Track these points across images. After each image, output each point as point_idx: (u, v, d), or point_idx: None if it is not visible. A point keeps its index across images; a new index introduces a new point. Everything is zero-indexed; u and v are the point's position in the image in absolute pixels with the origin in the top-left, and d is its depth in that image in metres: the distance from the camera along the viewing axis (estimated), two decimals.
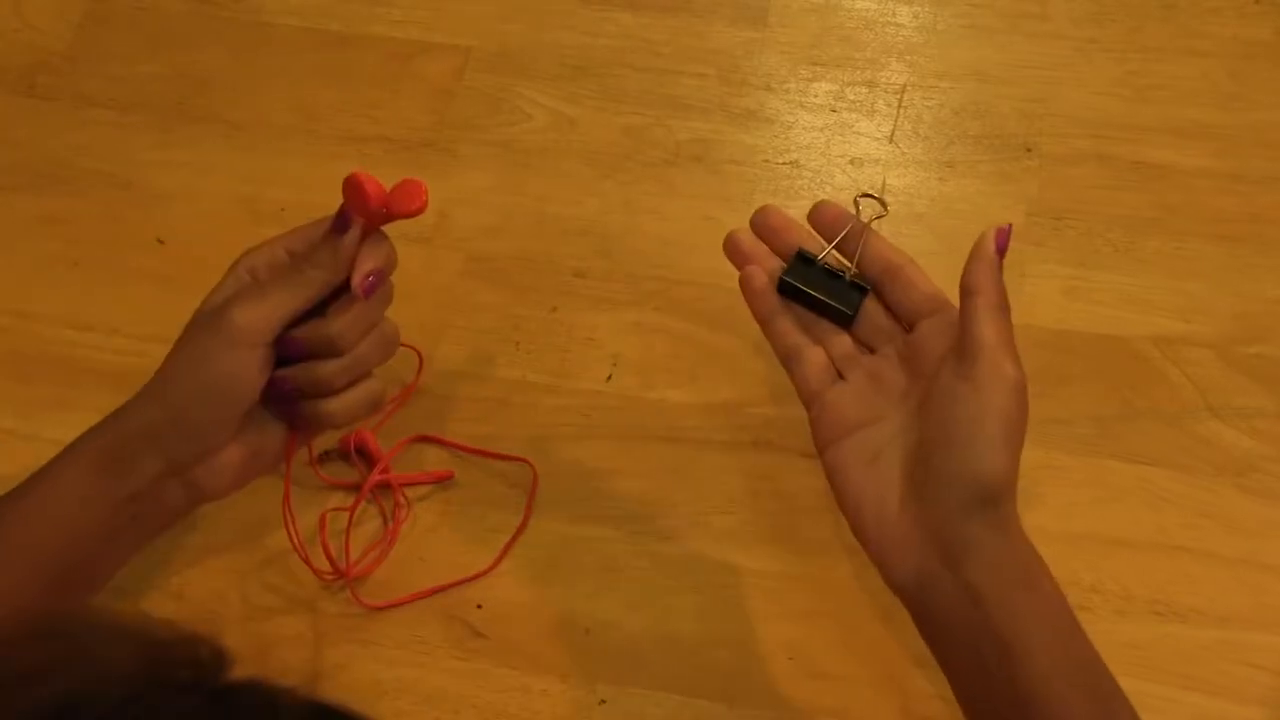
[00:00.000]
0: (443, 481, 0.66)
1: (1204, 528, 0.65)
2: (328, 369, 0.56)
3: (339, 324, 0.56)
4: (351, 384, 0.57)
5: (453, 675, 0.61)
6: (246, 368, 0.55)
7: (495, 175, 0.77)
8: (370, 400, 0.58)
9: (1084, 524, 0.65)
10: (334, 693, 0.62)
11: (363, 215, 0.56)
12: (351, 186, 0.55)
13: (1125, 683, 0.61)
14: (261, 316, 0.55)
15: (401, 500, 0.65)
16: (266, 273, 0.57)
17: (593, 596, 0.63)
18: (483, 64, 0.81)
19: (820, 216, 0.57)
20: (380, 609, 0.63)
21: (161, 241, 0.74)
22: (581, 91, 0.80)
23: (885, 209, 0.56)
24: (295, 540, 0.60)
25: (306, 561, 0.61)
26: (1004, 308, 0.52)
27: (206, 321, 0.56)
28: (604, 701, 0.61)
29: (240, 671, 0.34)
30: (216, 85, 0.80)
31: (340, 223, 0.56)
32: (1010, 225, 0.53)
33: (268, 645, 0.62)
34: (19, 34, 0.83)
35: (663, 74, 0.80)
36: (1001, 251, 0.53)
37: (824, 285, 0.55)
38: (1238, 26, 0.81)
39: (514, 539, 0.64)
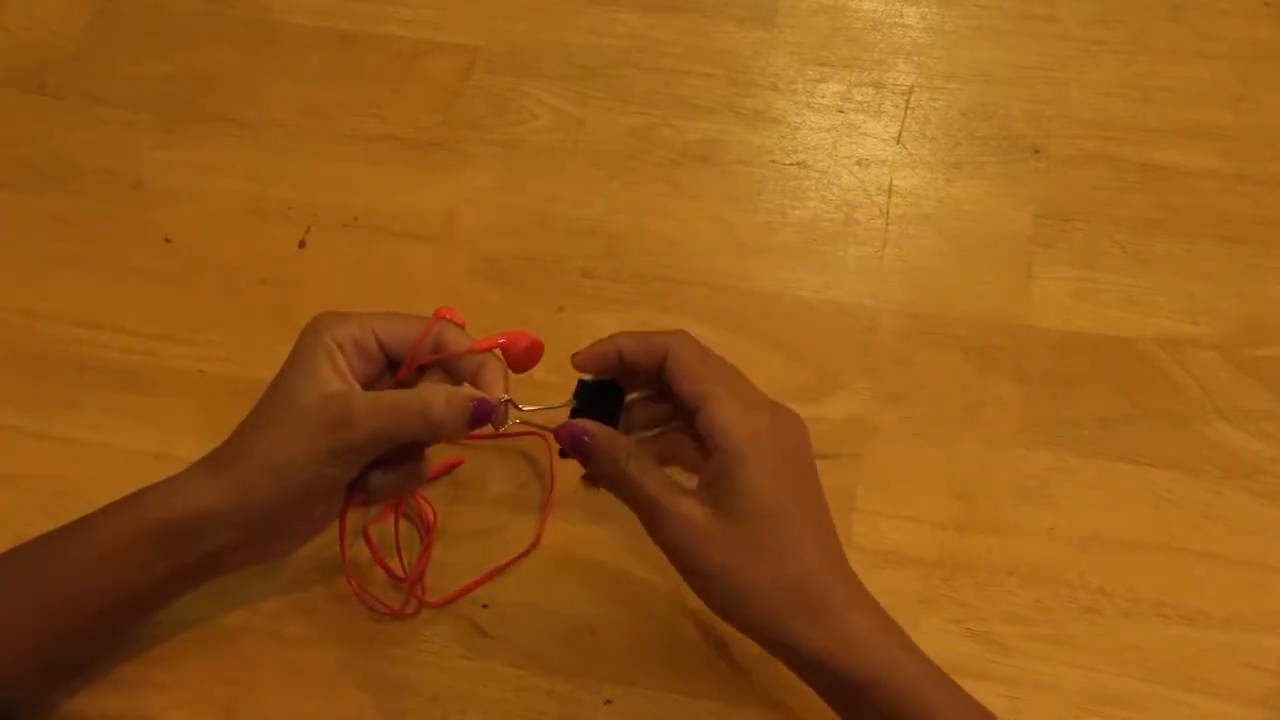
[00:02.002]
0: (454, 469, 0.66)
1: (1211, 530, 0.65)
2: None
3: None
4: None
5: (459, 675, 0.61)
6: (346, 474, 0.55)
7: (502, 175, 0.77)
8: (416, 476, 0.58)
9: (1091, 526, 0.65)
10: (343, 692, 0.62)
11: (517, 366, 0.58)
12: (530, 353, 0.58)
13: (1131, 685, 0.61)
14: (379, 445, 0.54)
15: (423, 500, 0.65)
16: (354, 351, 0.56)
17: (599, 597, 0.63)
18: (490, 64, 0.81)
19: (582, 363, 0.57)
20: (440, 605, 0.63)
21: (169, 240, 0.75)
22: (589, 91, 0.80)
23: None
24: (375, 554, 0.62)
25: (387, 570, 0.63)
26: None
27: (307, 422, 0.54)
28: (610, 701, 0.61)
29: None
30: (225, 84, 0.80)
31: (483, 414, 0.55)
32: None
33: (269, 645, 0.62)
34: (29, 32, 0.83)
35: (670, 74, 0.80)
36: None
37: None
38: (1247, 28, 0.81)
39: (547, 508, 0.65)
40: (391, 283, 0.73)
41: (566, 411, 0.57)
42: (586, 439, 0.54)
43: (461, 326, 0.58)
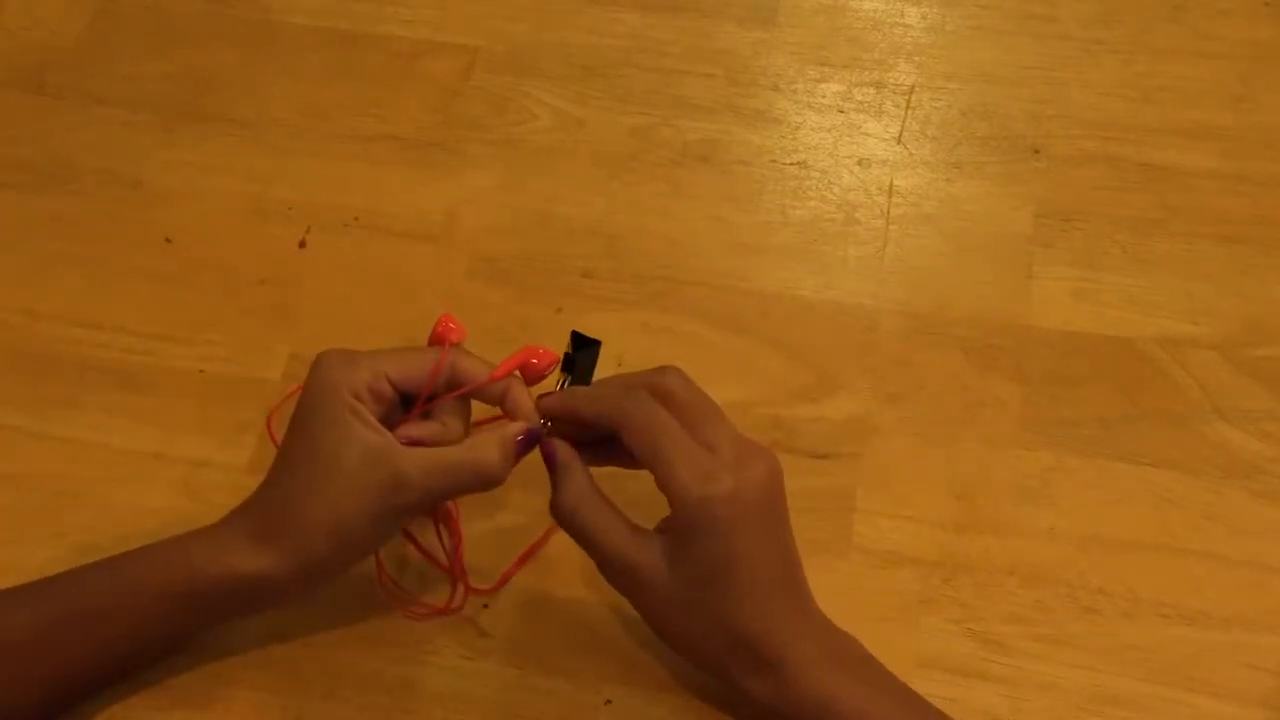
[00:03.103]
0: None
1: (1211, 530, 0.65)
2: None
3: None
4: None
5: (459, 674, 0.61)
6: (396, 530, 0.57)
7: (502, 175, 0.77)
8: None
9: (1091, 526, 0.65)
10: (343, 692, 0.62)
11: (533, 381, 0.58)
12: (543, 369, 0.58)
13: (1131, 685, 0.61)
14: (431, 497, 0.55)
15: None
16: (371, 401, 0.55)
17: (599, 597, 0.63)
18: (490, 64, 0.81)
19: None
20: (491, 591, 0.63)
21: (169, 240, 0.75)
22: (589, 91, 0.80)
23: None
24: (422, 551, 0.63)
25: (435, 562, 0.63)
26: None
27: (358, 483, 0.54)
28: (610, 701, 0.61)
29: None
30: (225, 84, 0.80)
31: (528, 445, 0.57)
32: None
33: (271, 643, 0.62)
34: (29, 32, 0.83)
35: (670, 74, 0.80)
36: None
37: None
38: (1247, 28, 0.81)
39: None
40: (391, 283, 0.73)
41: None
42: (552, 460, 0.56)
43: (462, 336, 0.58)
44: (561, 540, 0.65)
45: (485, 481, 0.55)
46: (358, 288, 0.72)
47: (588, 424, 0.56)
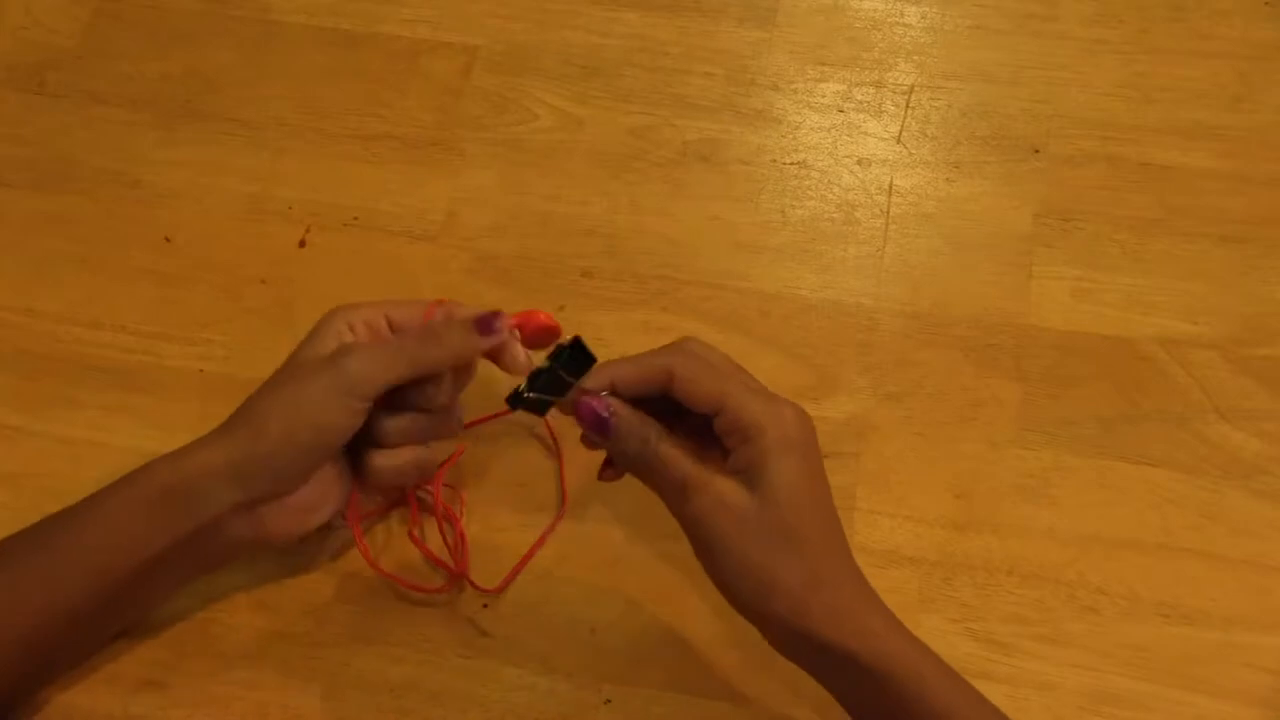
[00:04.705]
0: (456, 458, 0.66)
1: (1210, 530, 0.65)
2: (398, 422, 0.59)
3: (444, 392, 0.58)
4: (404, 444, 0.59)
5: (458, 674, 0.61)
6: (349, 416, 0.56)
7: (502, 174, 0.77)
8: (418, 465, 0.60)
9: (1091, 525, 0.65)
10: (343, 692, 0.62)
11: (531, 345, 0.59)
12: (543, 331, 0.60)
13: (1130, 684, 0.61)
14: (379, 372, 0.56)
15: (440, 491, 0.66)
16: (365, 332, 0.59)
17: (599, 595, 0.63)
18: (490, 63, 0.81)
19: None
20: (498, 591, 0.63)
21: (169, 239, 0.75)
22: (589, 91, 0.80)
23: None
24: (422, 548, 0.64)
25: (438, 562, 0.64)
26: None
27: (314, 368, 0.57)
28: (609, 701, 0.61)
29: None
30: (225, 83, 0.80)
31: (487, 324, 0.58)
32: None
33: (271, 643, 0.63)
34: (28, 32, 0.83)
35: (670, 74, 0.80)
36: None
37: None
38: (1247, 28, 0.81)
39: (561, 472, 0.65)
40: (392, 282, 0.73)
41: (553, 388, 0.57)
42: (611, 419, 0.54)
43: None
44: (562, 541, 0.65)
45: (435, 343, 0.57)
46: (358, 287, 0.72)
47: (632, 388, 0.55)
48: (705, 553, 0.53)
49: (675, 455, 0.53)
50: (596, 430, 0.54)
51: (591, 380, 0.55)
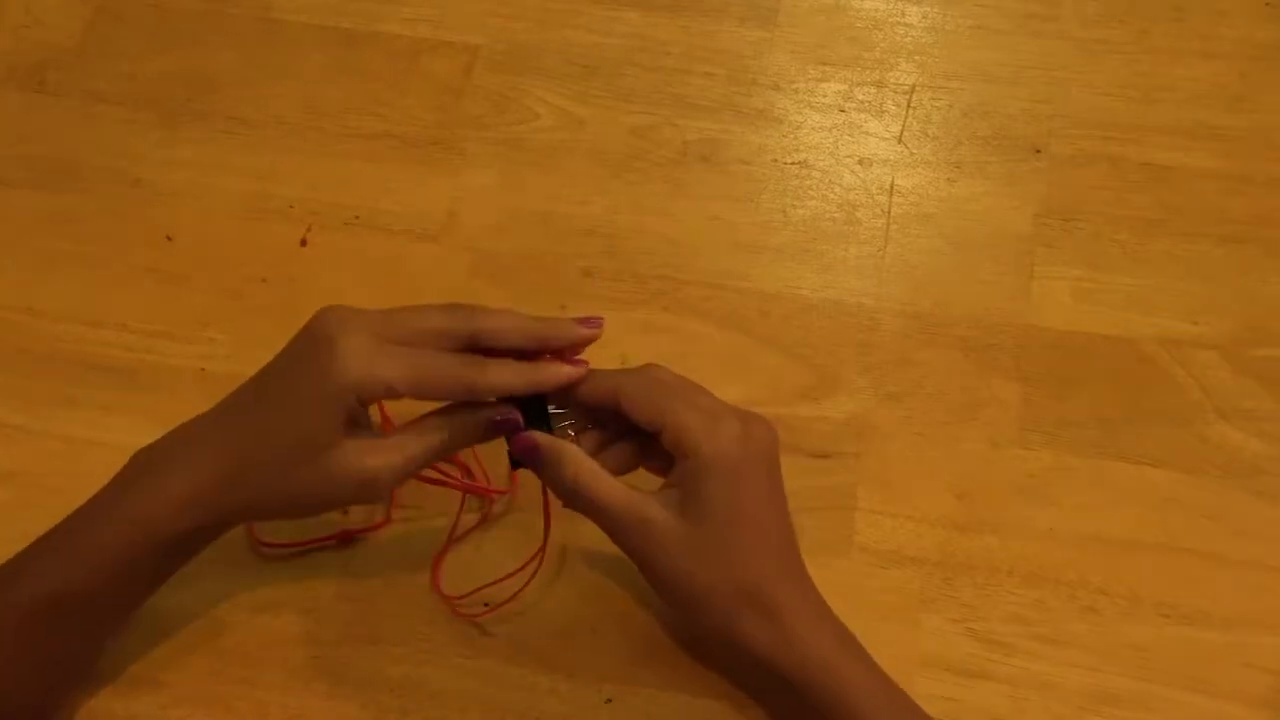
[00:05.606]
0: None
1: (1211, 530, 0.65)
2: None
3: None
4: None
5: (459, 673, 0.61)
6: (350, 498, 0.58)
7: (503, 174, 0.77)
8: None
9: (1091, 526, 0.65)
10: (343, 691, 0.62)
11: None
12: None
13: (1132, 685, 0.61)
14: (395, 475, 0.55)
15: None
16: (389, 331, 0.56)
17: (599, 596, 0.63)
18: (491, 62, 0.81)
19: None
20: (508, 603, 0.63)
21: (170, 238, 0.75)
22: (590, 91, 0.80)
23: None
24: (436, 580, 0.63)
25: (447, 603, 0.63)
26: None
27: (328, 471, 0.54)
28: (610, 700, 0.61)
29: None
30: (226, 82, 0.80)
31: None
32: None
33: (271, 643, 0.62)
34: (29, 30, 0.83)
35: (671, 73, 0.80)
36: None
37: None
38: (1248, 29, 0.81)
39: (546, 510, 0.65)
40: (392, 281, 0.73)
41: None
42: (538, 451, 0.56)
43: None
44: (562, 541, 0.65)
45: (448, 447, 0.56)
46: (359, 286, 0.72)
47: (586, 408, 0.57)
48: (644, 572, 0.56)
49: (596, 484, 0.55)
50: (528, 461, 0.57)
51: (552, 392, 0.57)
